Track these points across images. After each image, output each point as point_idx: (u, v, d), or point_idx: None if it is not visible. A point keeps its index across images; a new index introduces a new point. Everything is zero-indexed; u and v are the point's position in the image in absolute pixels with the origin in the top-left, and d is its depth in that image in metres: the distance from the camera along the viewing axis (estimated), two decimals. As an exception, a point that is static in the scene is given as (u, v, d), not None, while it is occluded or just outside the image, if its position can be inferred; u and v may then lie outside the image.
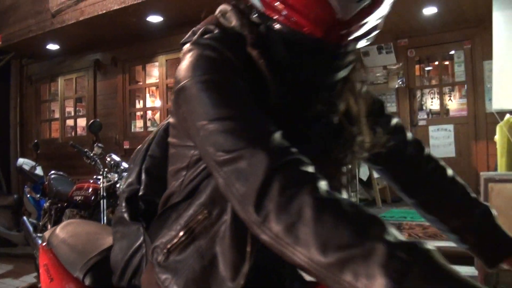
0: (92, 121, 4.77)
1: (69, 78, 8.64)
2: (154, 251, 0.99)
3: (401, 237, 0.66)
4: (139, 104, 8.08)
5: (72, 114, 8.99)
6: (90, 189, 4.64)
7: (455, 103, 6.93)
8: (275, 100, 0.90)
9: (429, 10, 5.84)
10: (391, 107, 7.05)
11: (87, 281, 1.27)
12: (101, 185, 4.07)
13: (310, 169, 0.76)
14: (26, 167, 6.40)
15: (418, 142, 1.21)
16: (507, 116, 3.80)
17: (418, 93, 7.14)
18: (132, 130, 7.72)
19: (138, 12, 6.14)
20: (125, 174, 3.63)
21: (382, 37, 6.66)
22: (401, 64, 6.87)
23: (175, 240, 0.96)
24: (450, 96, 7.00)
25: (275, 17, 0.90)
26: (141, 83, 7.97)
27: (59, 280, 1.37)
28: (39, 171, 6.37)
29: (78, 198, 4.67)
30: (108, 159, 4.18)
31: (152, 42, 7.00)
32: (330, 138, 1.00)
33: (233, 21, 0.95)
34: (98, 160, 4.31)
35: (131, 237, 1.10)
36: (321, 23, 0.87)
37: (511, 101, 4.15)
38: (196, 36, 0.96)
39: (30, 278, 5.42)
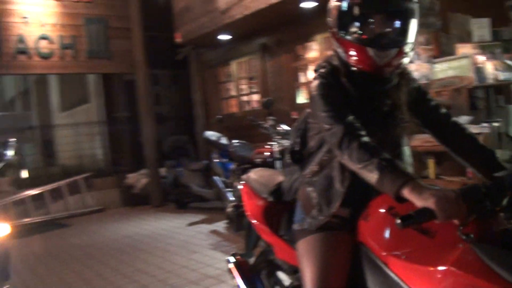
0: (265, 99, 5.72)
1: (240, 61, 9.59)
2: (304, 176, 1.96)
3: (395, 166, 1.53)
4: (302, 79, 8.79)
5: (246, 91, 9.88)
6: (267, 153, 5.76)
7: None
8: (354, 102, 1.80)
9: None
10: None
11: (269, 199, 2.29)
12: (275, 149, 5.02)
13: (361, 132, 1.66)
14: (213, 138, 7.48)
15: (447, 113, 1.98)
16: None
17: None
18: (298, 102, 8.22)
19: (294, 3, 6.81)
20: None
21: None
22: None
23: (314, 169, 1.91)
24: None
25: (350, 62, 1.80)
26: (303, 61, 8.74)
27: (253, 199, 2.42)
28: (223, 140, 7.35)
29: (258, 160, 5.83)
30: (279, 128, 5.13)
31: (309, 24, 7.44)
32: (384, 119, 1.88)
33: (335, 62, 1.87)
34: (271, 130, 5.18)
35: (293, 172, 2.08)
36: (370, 66, 1.76)
37: None
38: (319, 68, 1.89)
39: (220, 224, 6.79)
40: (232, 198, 6.28)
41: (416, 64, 6.49)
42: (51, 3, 8.66)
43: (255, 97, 9.56)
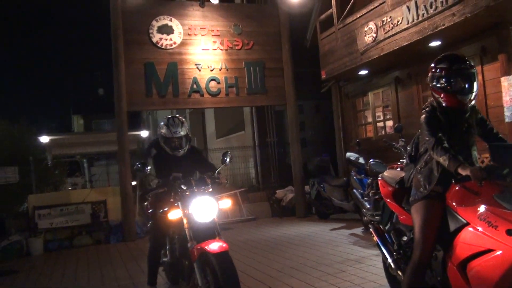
0: (396, 125, 7.08)
1: (376, 92, 10.90)
2: (416, 169, 3.41)
3: (457, 159, 2.96)
4: None
5: (381, 118, 11.09)
6: (399, 169, 7.00)
7: None
8: (444, 126, 3.23)
9: None
10: None
11: (396, 186, 3.74)
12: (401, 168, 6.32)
13: (444, 141, 3.09)
14: (352, 158, 8.75)
15: (496, 132, 3.33)
16: None
17: None
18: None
19: (421, 42, 8.10)
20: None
21: None
22: None
23: (422, 165, 3.35)
24: None
25: (442, 103, 3.24)
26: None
27: (386, 187, 3.88)
28: (361, 160, 8.52)
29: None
30: (409, 148, 6.48)
31: (434, 58, 8.62)
32: (462, 135, 3.27)
33: (434, 103, 3.31)
34: (402, 150, 6.47)
35: (410, 169, 3.55)
36: (457, 105, 3.19)
37: None
38: (425, 108, 3.36)
39: (358, 230, 8.20)
40: (368, 206, 7.65)
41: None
42: (218, 52, 10.71)
43: (389, 123, 10.78)
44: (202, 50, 10.59)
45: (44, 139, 14.67)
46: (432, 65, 3.31)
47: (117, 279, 6.36)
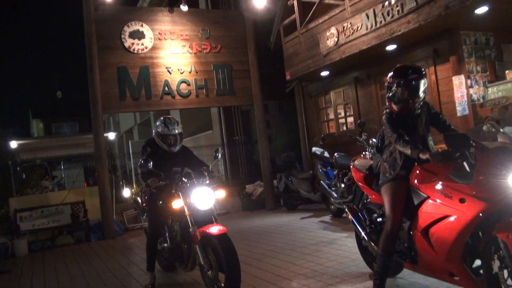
0: (359, 121, 7.84)
1: (337, 91, 11.68)
2: (383, 159, 4.14)
3: (417, 148, 3.70)
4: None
5: (343, 115, 11.81)
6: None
7: None
8: (401, 123, 3.95)
9: None
10: None
11: (366, 172, 4.47)
12: (368, 157, 6.76)
13: (405, 137, 3.82)
14: (318, 152, 9.50)
15: (445, 121, 4.07)
16: None
17: None
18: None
19: (379, 46, 8.91)
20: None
21: None
22: None
23: (387, 155, 4.08)
24: None
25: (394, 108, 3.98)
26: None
27: (358, 173, 4.61)
28: (326, 154, 9.33)
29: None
30: (370, 141, 7.18)
31: (391, 59, 9.25)
32: (417, 128, 4.02)
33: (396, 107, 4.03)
34: (365, 143, 7.26)
35: (377, 158, 4.28)
36: (404, 112, 3.95)
37: None
38: (385, 109, 4.09)
39: (326, 218, 8.96)
40: (336, 195, 8.41)
41: (474, 88, 8.45)
42: (187, 55, 11.27)
43: (350, 120, 11.60)
44: (172, 53, 11.14)
45: (13, 143, 14.87)
46: (387, 78, 4.03)
47: (110, 270, 6.82)
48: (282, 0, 11.62)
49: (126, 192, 11.96)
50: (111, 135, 17.86)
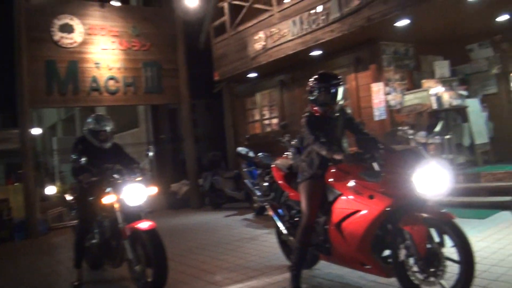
0: (283, 122, 8.20)
1: (264, 92, 12.00)
2: (301, 159, 4.42)
3: (332, 149, 3.98)
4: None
5: (268, 116, 12.13)
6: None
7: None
8: (320, 126, 4.20)
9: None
10: (492, 89, 9.28)
11: (286, 171, 4.76)
12: (290, 157, 7.34)
13: (322, 139, 4.06)
14: (243, 152, 9.69)
15: (362, 128, 4.41)
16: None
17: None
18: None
19: (304, 51, 9.33)
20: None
21: (481, 36, 9.04)
22: (497, 54, 9.00)
23: (305, 155, 4.36)
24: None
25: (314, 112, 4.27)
26: None
27: (278, 172, 4.90)
28: (251, 154, 9.54)
29: (278, 165, 8.27)
30: (292, 142, 7.52)
31: (316, 64, 9.61)
32: (334, 131, 4.33)
33: (311, 110, 4.33)
34: (287, 144, 7.48)
35: (296, 158, 4.60)
36: (325, 113, 4.21)
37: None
38: (305, 113, 4.37)
39: (249, 216, 9.25)
40: (259, 194, 8.70)
41: (392, 95, 9.03)
42: (116, 51, 11.18)
43: (274, 121, 11.93)
44: (102, 49, 11.01)
45: None
46: (309, 82, 4.33)
47: (37, 269, 6.69)
48: (213, 1, 11.81)
49: (50, 190, 11.66)
50: (36, 131, 17.22)
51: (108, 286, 5.32)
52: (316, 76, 4.33)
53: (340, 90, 4.19)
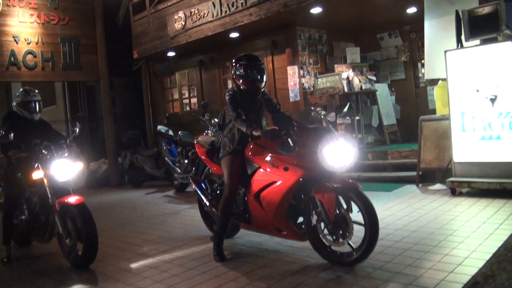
0: (203, 102, 8.46)
1: (183, 72, 12.17)
2: (223, 135, 4.76)
3: (251, 126, 4.34)
4: (229, 87, 11.29)
5: (187, 95, 12.40)
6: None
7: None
8: (243, 103, 4.54)
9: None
10: (400, 75, 10.15)
11: (208, 147, 5.09)
12: (210, 135, 7.45)
13: (243, 116, 4.39)
14: (163, 131, 9.95)
15: (276, 105, 4.78)
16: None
17: (419, 64, 9.89)
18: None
19: (223, 33, 9.63)
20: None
21: (391, 26, 9.77)
22: (406, 43, 9.89)
23: (227, 131, 4.70)
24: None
25: (241, 87, 4.59)
26: (229, 74, 11.32)
27: (201, 148, 5.22)
28: (171, 132, 9.82)
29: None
30: (213, 121, 7.82)
31: (234, 46, 10.20)
32: (255, 109, 4.71)
33: (235, 88, 4.66)
34: (207, 123, 7.83)
35: (218, 134, 4.90)
36: (252, 89, 4.52)
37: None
38: (228, 91, 4.71)
39: (170, 193, 9.49)
40: (179, 171, 8.98)
41: (306, 78, 9.56)
42: (35, 25, 10.89)
43: (194, 100, 12.20)
44: (20, 22, 10.72)
45: None
46: (233, 61, 4.65)
47: None
48: (132, -23, 11.74)
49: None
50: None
51: (37, 262, 5.38)
52: (241, 55, 4.64)
53: (264, 72, 4.56)
